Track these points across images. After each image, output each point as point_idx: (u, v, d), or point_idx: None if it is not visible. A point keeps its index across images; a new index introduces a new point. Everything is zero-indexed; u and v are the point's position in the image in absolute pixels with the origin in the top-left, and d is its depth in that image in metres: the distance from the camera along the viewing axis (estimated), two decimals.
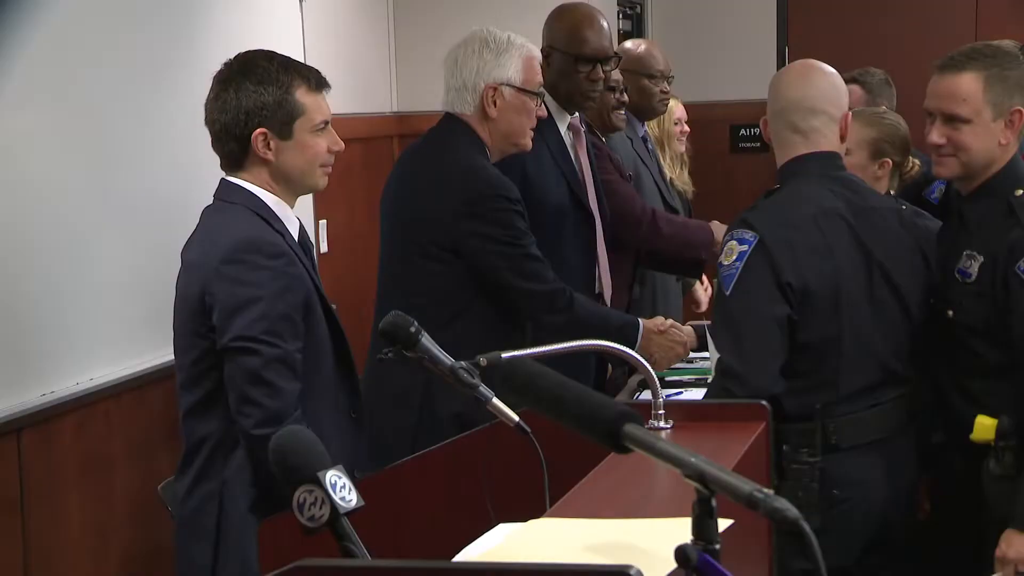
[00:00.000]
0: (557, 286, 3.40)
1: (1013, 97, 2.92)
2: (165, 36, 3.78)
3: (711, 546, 1.36)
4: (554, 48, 3.88)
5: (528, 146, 3.47)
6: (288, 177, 2.72)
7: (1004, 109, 2.91)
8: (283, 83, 2.67)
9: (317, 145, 2.71)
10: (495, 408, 2.09)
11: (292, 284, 2.62)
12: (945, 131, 2.94)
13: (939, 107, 2.96)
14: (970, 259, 2.92)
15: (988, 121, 2.91)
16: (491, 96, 3.38)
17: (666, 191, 4.85)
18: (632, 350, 2.78)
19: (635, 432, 1.49)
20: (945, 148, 2.95)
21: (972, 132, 2.92)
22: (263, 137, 2.67)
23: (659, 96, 4.88)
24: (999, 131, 2.92)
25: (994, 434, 2.82)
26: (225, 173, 2.75)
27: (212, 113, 2.72)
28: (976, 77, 2.91)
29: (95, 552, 3.38)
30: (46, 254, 3.24)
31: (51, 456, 3.23)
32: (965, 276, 2.93)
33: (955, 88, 2.93)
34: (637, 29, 7.66)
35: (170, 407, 3.69)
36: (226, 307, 2.57)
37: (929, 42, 7.45)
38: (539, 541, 1.73)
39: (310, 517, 1.62)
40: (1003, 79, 2.91)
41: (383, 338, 2.15)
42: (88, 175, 3.41)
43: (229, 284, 2.57)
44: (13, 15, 3.13)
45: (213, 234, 2.67)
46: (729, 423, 2.27)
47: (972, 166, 2.95)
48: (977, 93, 2.91)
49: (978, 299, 2.90)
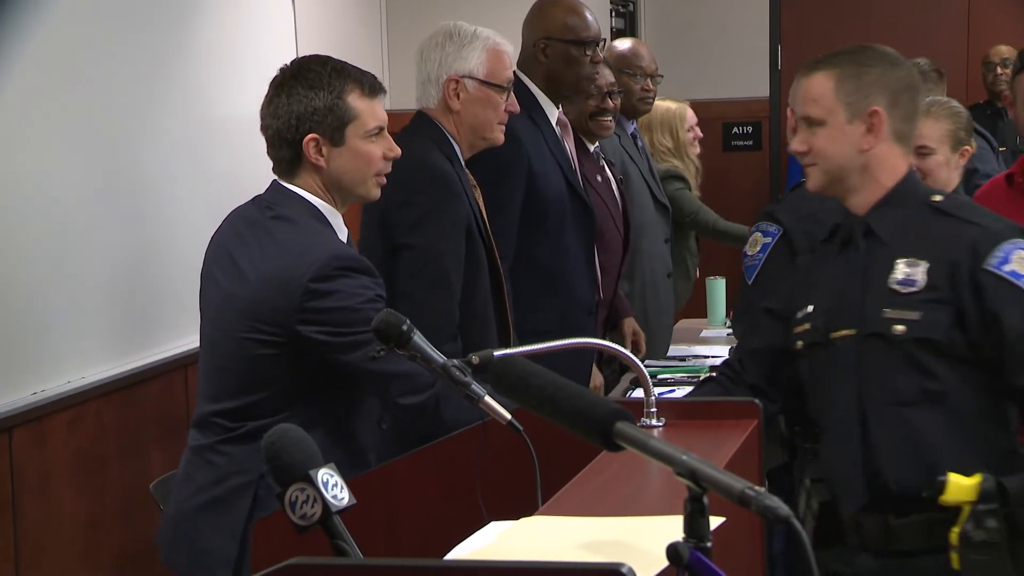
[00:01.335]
0: None
1: (870, 96, 2.65)
2: (157, 32, 3.77)
3: (703, 544, 1.36)
4: (552, 38, 3.88)
5: (498, 140, 3.41)
6: (340, 184, 2.70)
7: (860, 110, 2.65)
8: (335, 88, 2.65)
9: (371, 152, 2.70)
10: (487, 406, 2.09)
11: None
12: (805, 136, 2.70)
13: (796, 111, 2.73)
14: (911, 266, 2.64)
15: (843, 123, 2.65)
16: (453, 89, 3.34)
17: (656, 188, 4.85)
18: None
19: (627, 430, 1.49)
20: (808, 156, 2.70)
21: (827, 135, 2.66)
22: (315, 143, 2.65)
23: (640, 94, 4.90)
24: (858, 135, 2.65)
25: (975, 495, 2.52)
26: (278, 177, 2.74)
27: (266, 118, 2.70)
28: (828, 75, 2.66)
29: (87, 551, 3.37)
30: (38, 252, 3.23)
31: (43, 454, 3.22)
32: (909, 285, 2.62)
33: (807, 88, 2.69)
34: (630, 27, 7.66)
35: (162, 406, 3.70)
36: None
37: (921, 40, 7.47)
38: (531, 539, 1.73)
39: (302, 515, 1.62)
40: (858, 76, 2.65)
41: (376, 337, 2.15)
42: (81, 173, 3.40)
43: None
44: (6, 14, 3.13)
45: (291, 246, 2.64)
46: (721, 421, 2.27)
47: (832, 174, 2.68)
48: (828, 92, 2.65)
49: (936, 307, 2.60)
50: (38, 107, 3.25)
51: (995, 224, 2.66)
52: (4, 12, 3.11)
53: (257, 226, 2.71)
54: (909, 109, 2.70)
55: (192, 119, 3.93)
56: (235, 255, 2.70)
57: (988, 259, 2.60)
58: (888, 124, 2.65)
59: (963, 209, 2.72)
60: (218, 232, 2.81)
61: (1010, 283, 2.58)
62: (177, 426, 3.65)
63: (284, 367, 2.62)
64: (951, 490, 2.52)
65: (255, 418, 2.62)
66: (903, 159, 2.71)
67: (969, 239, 2.62)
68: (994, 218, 2.69)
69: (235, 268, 2.68)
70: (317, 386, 2.66)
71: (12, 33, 3.14)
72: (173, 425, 3.67)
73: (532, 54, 3.88)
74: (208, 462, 2.69)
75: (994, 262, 2.59)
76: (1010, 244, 2.61)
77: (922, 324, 2.59)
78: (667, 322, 4.85)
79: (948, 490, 2.52)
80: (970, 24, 8.01)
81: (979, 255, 2.60)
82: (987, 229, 2.63)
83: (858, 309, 2.66)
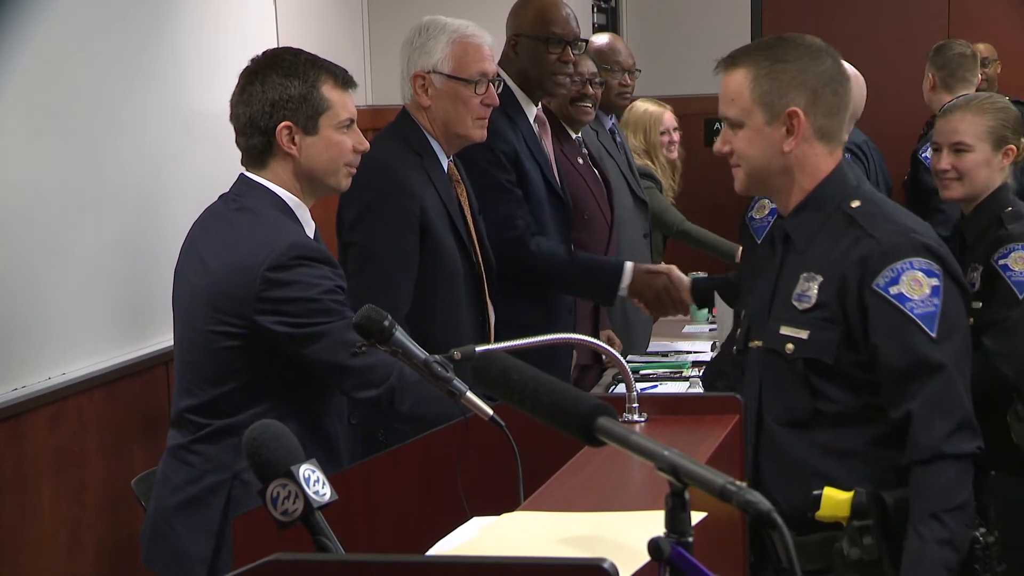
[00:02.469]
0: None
1: (787, 96, 2.49)
2: (139, 29, 3.76)
3: (684, 539, 1.36)
4: (521, 35, 3.87)
5: (476, 136, 3.38)
6: (312, 174, 2.70)
7: (778, 111, 2.49)
8: (309, 77, 2.66)
9: (343, 142, 2.70)
10: (469, 402, 2.09)
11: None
12: (727, 136, 2.56)
13: (719, 110, 2.58)
14: (808, 280, 2.49)
15: (761, 124, 2.50)
16: (421, 84, 3.33)
17: (634, 183, 4.86)
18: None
19: (608, 425, 1.49)
20: (731, 157, 2.57)
21: (746, 137, 2.52)
22: (288, 130, 2.66)
23: (618, 89, 4.92)
24: (778, 137, 2.50)
25: (848, 510, 2.40)
26: (245, 169, 2.73)
27: (237, 107, 2.70)
28: (743, 73, 2.52)
29: (67, 547, 3.36)
30: (17, 248, 3.21)
31: (23, 451, 3.21)
32: (804, 301, 2.48)
33: (725, 87, 2.55)
34: (611, 23, 7.66)
35: (143, 402, 3.68)
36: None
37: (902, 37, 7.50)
38: (513, 535, 1.73)
39: (283, 511, 1.61)
40: (773, 75, 2.49)
41: (357, 332, 2.14)
42: (61, 169, 3.39)
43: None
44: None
45: (246, 235, 2.64)
46: (703, 416, 2.28)
47: (755, 176, 2.55)
48: (744, 92, 2.51)
49: (825, 326, 2.46)
50: (16, 103, 3.24)
51: (895, 237, 2.45)
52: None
53: (221, 219, 2.71)
54: (832, 103, 2.52)
55: (173, 115, 3.92)
56: (200, 249, 2.70)
57: (877, 277, 2.42)
58: (808, 123, 2.50)
59: (872, 218, 2.49)
60: (190, 231, 2.81)
61: (894, 307, 2.40)
62: (159, 422, 3.64)
63: (247, 360, 2.62)
64: (825, 505, 2.41)
65: (224, 415, 2.62)
66: (828, 157, 2.54)
67: (861, 253, 2.44)
68: (900, 230, 2.48)
69: (200, 261, 2.68)
70: (284, 380, 2.65)
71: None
72: (154, 421, 3.66)
73: (506, 50, 3.89)
74: (183, 462, 2.70)
75: (882, 282, 2.41)
76: (903, 263, 2.42)
77: (809, 343, 2.46)
78: (647, 316, 4.86)
79: (822, 505, 2.41)
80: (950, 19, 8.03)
81: (868, 271, 2.42)
82: (882, 243, 2.44)
83: (766, 320, 2.56)
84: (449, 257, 3.28)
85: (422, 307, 3.22)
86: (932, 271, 2.42)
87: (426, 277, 3.24)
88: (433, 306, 3.26)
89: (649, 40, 7.17)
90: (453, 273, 3.29)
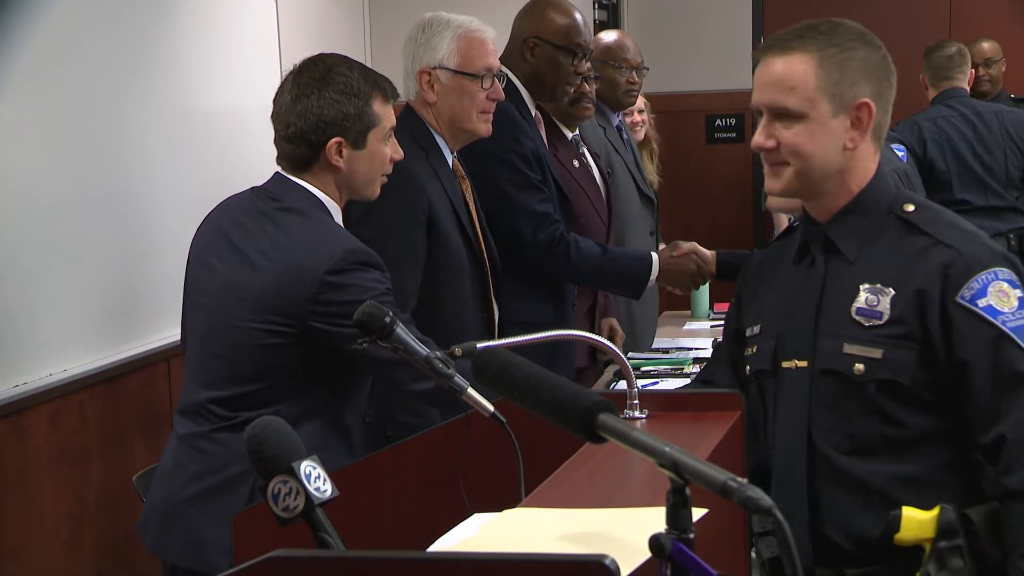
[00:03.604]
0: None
1: (857, 85, 2.28)
2: (139, 29, 3.76)
3: (685, 535, 1.36)
4: (542, 40, 3.84)
5: (481, 131, 3.38)
6: (352, 184, 2.76)
7: (847, 101, 2.27)
8: (365, 95, 2.71)
9: (384, 153, 2.76)
10: (470, 398, 2.09)
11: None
12: (773, 130, 2.30)
13: (764, 100, 2.31)
14: (876, 294, 2.27)
15: (827, 117, 2.27)
16: (426, 81, 3.33)
17: (641, 182, 4.86)
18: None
19: (609, 422, 1.49)
20: (776, 154, 2.30)
21: (807, 132, 2.27)
22: (337, 146, 2.70)
23: (625, 87, 4.89)
24: (842, 131, 2.28)
25: (934, 531, 2.17)
26: (281, 168, 2.76)
27: (289, 116, 2.71)
28: (806, 59, 2.27)
29: (69, 544, 3.37)
30: (18, 246, 3.22)
31: (24, 447, 3.21)
32: (873, 317, 2.26)
33: (781, 74, 2.28)
34: (613, 19, 7.66)
35: (144, 398, 3.69)
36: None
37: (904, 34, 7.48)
38: (514, 531, 1.73)
39: (285, 508, 1.61)
40: (842, 61, 2.28)
41: (358, 328, 2.14)
42: (62, 166, 3.39)
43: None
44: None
45: (303, 238, 2.65)
46: (704, 413, 2.27)
47: (808, 177, 2.30)
48: (808, 80, 2.26)
49: (903, 344, 2.24)
50: (16, 103, 3.24)
51: (972, 246, 2.27)
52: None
53: (262, 216, 2.71)
54: (888, 99, 2.34)
55: (174, 112, 3.92)
56: (238, 244, 2.70)
57: (962, 289, 2.22)
58: (874, 118, 2.30)
59: (937, 224, 2.31)
60: (209, 220, 2.81)
61: (984, 321, 2.21)
62: (160, 418, 3.65)
63: (290, 357, 2.64)
64: (906, 526, 2.18)
65: (252, 407, 2.61)
66: (873, 157, 2.35)
67: (940, 263, 2.24)
68: (972, 237, 2.30)
69: (240, 256, 2.69)
70: (316, 378, 2.67)
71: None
72: (155, 417, 3.66)
73: (519, 50, 3.84)
74: (201, 451, 2.69)
75: (968, 294, 2.22)
76: (987, 273, 2.23)
77: (885, 364, 2.25)
78: (651, 314, 4.86)
79: (902, 526, 2.18)
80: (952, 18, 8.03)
81: (951, 284, 2.22)
82: (961, 253, 2.25)
83: (812, 338, 2.33)
84: (455, 253, 3.28)
85: (428, 304, 3.22)
86: (1015, 282, 2.25)
87: (432, 273, 3.24)
88: (439, 303, 3.27)
89: (650, 36, 7.15)
90: (458, 269, 3.29)
